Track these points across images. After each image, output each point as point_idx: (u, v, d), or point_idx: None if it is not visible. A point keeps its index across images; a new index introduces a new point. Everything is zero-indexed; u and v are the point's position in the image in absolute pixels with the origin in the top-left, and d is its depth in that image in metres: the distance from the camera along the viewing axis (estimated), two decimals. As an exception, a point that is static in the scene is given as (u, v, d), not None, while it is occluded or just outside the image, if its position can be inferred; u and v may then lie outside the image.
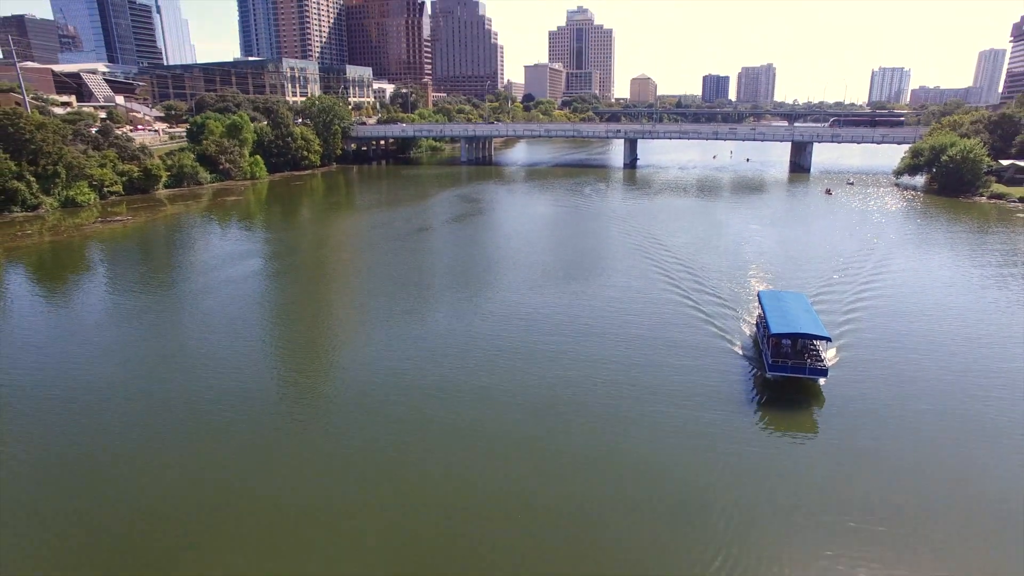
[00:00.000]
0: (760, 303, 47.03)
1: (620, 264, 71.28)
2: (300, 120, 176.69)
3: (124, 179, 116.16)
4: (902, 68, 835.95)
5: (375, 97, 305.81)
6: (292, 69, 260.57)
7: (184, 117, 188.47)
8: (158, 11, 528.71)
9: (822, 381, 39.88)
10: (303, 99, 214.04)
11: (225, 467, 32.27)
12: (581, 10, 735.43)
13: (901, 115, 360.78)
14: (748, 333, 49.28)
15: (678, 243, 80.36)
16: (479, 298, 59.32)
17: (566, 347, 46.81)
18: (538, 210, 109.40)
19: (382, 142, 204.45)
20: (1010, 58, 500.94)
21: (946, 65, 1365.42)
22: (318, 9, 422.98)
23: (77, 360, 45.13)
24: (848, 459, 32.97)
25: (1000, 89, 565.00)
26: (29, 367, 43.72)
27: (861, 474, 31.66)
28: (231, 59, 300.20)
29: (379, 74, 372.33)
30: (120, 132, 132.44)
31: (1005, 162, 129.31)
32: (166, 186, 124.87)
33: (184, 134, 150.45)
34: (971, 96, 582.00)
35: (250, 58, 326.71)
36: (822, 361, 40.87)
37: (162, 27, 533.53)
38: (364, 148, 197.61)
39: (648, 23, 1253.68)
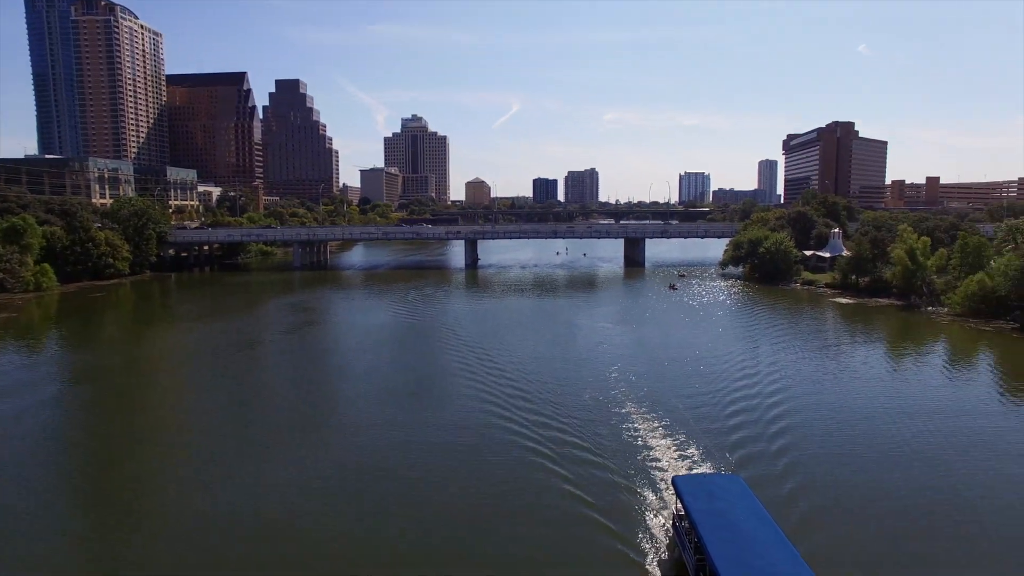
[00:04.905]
0: (680, 499, 30.69)
1: (456, 393, 56.44)
2: (101, 225, 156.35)
3: None
4: (703, 172, 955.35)
5: (200, 200, 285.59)
6: (101, 170, 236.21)
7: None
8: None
9: None
10: (113, 201, 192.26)
11: None
12: (415, 118, 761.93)
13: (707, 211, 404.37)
14: (663, 537, 32.63)
15: (529, 356, 70.48)
16: (289, 436, 49.58)
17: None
18: (377, 319, 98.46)
19: (206, 247, 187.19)
20: (785, 168, 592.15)
21: (734, 170, 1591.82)
22: (135, 107, 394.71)
23: None
24: None
25: (780, 192, 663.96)
26: None
27: None
28: (23, 155, 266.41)
29: (205, 177, 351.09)
30: None
31: (808, 252, 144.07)
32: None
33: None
34: (758, 196, 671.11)
35: (48, 156, 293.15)
36: None
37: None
38: (185, 254, 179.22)
39: (479, 130, 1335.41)
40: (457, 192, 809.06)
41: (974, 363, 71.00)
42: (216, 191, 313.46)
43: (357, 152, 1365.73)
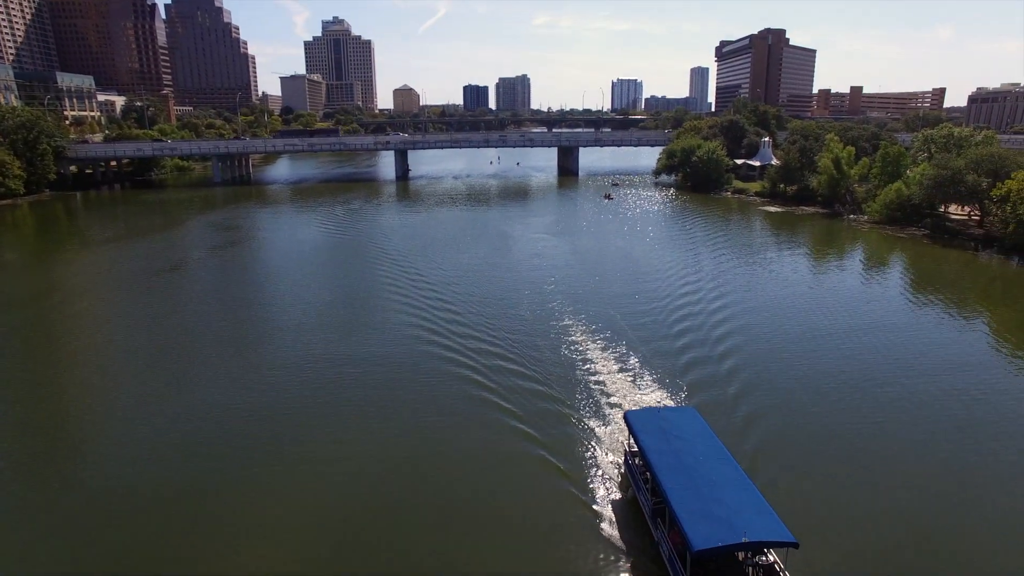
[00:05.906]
0: (633, 435, 28.77)
1: (388, 319, 53.75)
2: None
3: None
4: (636, 80, 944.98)
5: (101, 111, 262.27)
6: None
7: None
8: None
9: None
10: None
11: None
12: (337, 20, 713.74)
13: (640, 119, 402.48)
14: (615, 474, 31.09)
15: (464, 272, 69.40)
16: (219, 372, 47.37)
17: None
18: (305, 236, 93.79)
19: (114, 163, 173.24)
20: (717, 75, 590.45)
21: (667, 77, 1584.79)
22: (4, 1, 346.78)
23: None
24: None
25: (711, 99, 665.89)
26: None
27: None
28: None
29: (105, 84, 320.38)
30: None
31: (739, 161, 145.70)
32: None
33: None
34: (690, 104, 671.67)
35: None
36: None
37: None
38: (90, 171, 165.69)
39: (406, 35, 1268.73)
40: (385, 100, 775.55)
41: (894, 271, 74.01)
42: (120, 100, 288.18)
43: (276, 58, 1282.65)
